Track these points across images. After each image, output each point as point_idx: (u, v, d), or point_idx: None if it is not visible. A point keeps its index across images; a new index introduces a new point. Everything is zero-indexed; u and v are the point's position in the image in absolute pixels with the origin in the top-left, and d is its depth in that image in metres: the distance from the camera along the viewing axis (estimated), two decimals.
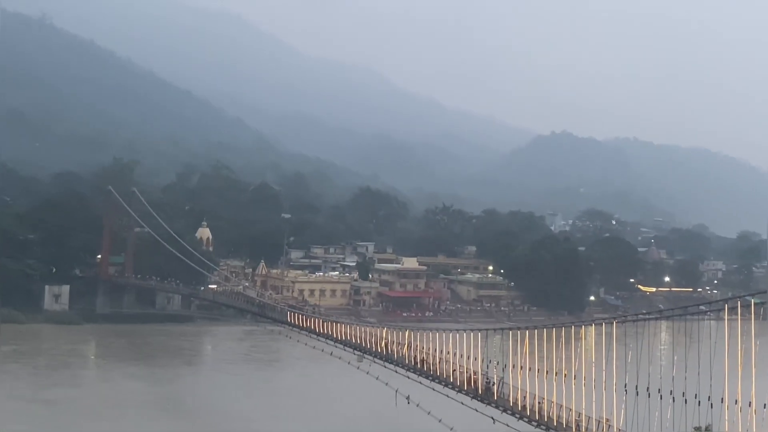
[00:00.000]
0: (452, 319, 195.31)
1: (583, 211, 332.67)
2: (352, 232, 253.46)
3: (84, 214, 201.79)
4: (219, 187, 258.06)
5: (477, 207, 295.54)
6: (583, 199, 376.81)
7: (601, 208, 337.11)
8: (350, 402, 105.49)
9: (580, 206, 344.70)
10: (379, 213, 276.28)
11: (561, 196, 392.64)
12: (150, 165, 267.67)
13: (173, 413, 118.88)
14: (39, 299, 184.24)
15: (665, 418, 58.29)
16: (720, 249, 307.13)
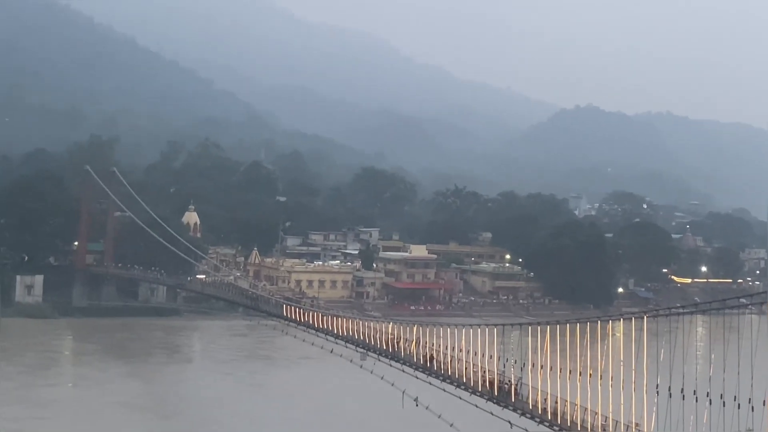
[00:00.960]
0: (465, 313, 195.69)
1: (610, 193, 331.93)
2: (354, 216, 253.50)
3: (59, 196, 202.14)
4: (207, 167, 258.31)
5: (493, 189, 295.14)
6: (611, 180, 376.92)
7: (631, 190, 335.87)
8: (352, 404, 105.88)
9: (607, 188, 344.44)
10: (384, 195, 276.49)
11: (586, 177, 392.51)
12: (131, 143, 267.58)
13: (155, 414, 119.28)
14: (10, 291, 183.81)
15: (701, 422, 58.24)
16: (763, 236, 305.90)
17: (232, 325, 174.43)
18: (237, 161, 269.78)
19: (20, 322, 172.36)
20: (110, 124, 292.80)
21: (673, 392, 63.91)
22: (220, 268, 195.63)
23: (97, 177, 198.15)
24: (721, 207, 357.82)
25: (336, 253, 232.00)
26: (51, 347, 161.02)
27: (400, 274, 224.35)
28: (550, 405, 76.83)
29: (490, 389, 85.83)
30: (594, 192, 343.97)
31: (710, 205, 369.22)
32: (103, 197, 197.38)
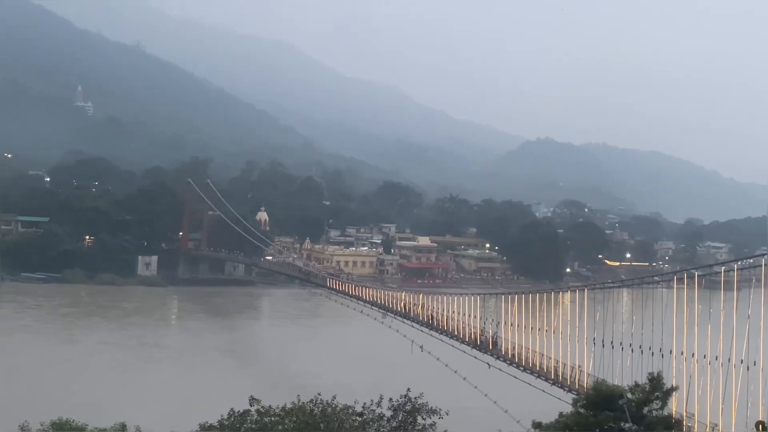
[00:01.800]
0: (457, 285, 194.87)
1: (561, 201, 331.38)
2: (377, 216, 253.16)
3: (169, 200, 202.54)
4: (274, 180, 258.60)
5: (477, 197, 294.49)
6: (562, 192, 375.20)
7: (576, 199, 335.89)
8: (375, 349, 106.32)
9: (559, 197, 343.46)
10: (399, 201, 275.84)
11: (544, 190, 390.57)
12: (220, 162, 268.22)
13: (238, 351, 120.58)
14: (133, 267, 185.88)
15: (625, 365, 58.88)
16: (670, 232, 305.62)
17: (291, 293, 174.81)
18: (295, 176, 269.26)
19: (141, 289, 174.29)
20: (205, 149, 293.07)
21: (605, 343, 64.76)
22: (282, 252, 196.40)
23: (196, 187, 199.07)
24: (640, 211, 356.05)
25: (364, 242, 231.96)
26: (164, 307, 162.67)
27: (410, 257, 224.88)
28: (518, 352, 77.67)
29: (474, 340, 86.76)
30: (550, 200, 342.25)
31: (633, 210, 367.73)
32: (200, 201, 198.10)
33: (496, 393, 65.64)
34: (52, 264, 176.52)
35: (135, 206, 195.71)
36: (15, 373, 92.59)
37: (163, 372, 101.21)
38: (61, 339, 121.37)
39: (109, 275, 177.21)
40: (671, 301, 63.21)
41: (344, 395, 40.86)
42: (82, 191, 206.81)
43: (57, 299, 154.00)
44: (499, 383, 71.21)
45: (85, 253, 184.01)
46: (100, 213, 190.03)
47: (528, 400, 60.91)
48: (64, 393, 75.28)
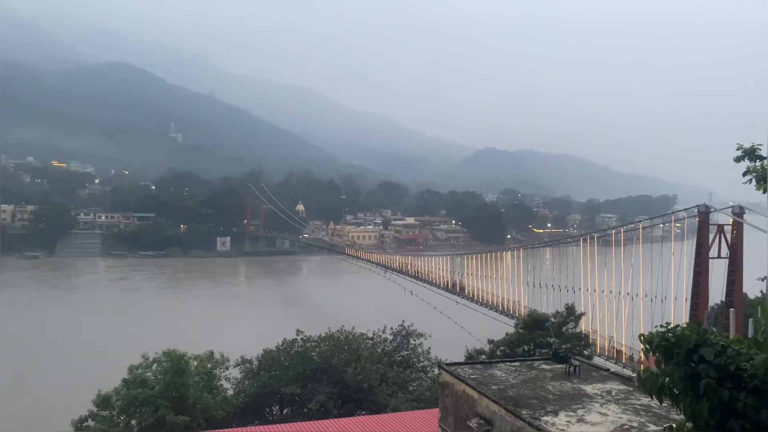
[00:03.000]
0: (433, 250, 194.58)
1: (502, 189, 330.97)
2: (378, 204, 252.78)
3: (236, 199, 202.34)
4: (307, 183, 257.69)
5: (445, 189, 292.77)
6: (502, 183, 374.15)
7: (512, 188, 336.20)
8: (379, 294, 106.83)
9: (500, 188, 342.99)
10: (393, 194, 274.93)
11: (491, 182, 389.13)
12: (270, 172, 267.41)
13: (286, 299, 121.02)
14: (214, 245, 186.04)
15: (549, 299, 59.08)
16: (577, 208, 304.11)
17: (321, 259, 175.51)
18: (321, 180, 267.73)
19: (219, 260, 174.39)
20: (259, 163, 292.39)
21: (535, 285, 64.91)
22: (314, 231, 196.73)
23: (255, 189, 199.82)
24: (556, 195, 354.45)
25: (370, 223, 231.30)
26: (235, 271, 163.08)
27: (401, 231, 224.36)
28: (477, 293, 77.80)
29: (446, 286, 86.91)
30: (494, 189, 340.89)
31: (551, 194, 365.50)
32: (257, 199, 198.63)
33: (462, 321, 65.89)
34: (159, 245, 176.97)
35: (213, 203, 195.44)
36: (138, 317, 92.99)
37: (237, 313, 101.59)
38: (167, 293, 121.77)
39: (198, 251, 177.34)
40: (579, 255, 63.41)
41: (359, 326, 41.03)
42: (177, 194, 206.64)
43: (163, 268, 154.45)
44: (465, 314, 71.43)
45: (181, 236, 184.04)
46: (190, 209, 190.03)
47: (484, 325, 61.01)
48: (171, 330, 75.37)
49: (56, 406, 42.58)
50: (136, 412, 30.72)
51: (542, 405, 16.29)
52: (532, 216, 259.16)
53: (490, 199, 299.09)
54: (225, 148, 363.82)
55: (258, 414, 34.70)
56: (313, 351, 36.17)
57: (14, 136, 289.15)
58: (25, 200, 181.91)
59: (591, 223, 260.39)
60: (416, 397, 33.75)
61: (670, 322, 6.95)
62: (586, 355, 35.11)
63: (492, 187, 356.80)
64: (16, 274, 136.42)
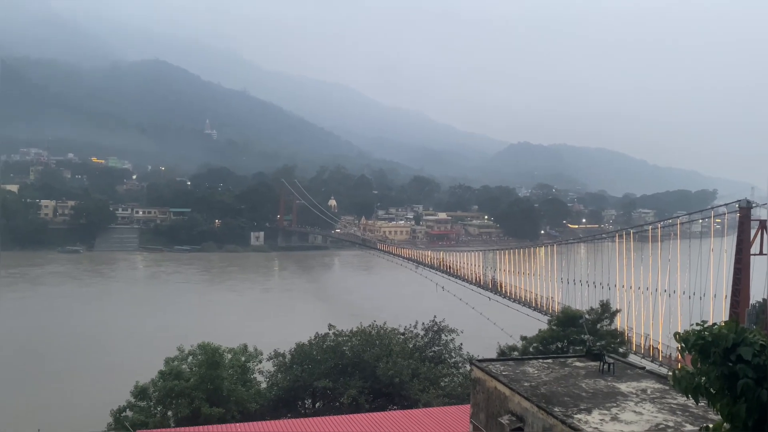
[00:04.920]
0: (465, 245, 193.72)
1: (536, 184, 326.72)
2: (410, 199, 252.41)
3: (269, 194, 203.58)
4: (339, 178, 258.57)
5: (477, 184, 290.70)
6: (536, 178, 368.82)
7: (546, 183, 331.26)
8: (410, 289, 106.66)
9: (534, 182, 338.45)
10: (425, 189, 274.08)
11: (524, 177, 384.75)
12: (303, 168, 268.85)
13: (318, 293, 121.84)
14: (248, 239, 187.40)
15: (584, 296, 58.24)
16: (613, 203, 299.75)
17: (353, 254, 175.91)
18: (353, 175, 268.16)
19: (252, 254, 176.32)
20: (292, 158, 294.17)
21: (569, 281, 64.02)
22: (346, 226, 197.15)
23: (287, 184, 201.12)
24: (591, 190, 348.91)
25: (401, 218, 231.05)
26: (269, 265, 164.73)
27: (433, 227, 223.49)
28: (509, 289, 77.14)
29: (478, 282, 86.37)
30: (528, 184, 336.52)
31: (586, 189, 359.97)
32: (290, 194, 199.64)
33: (495, 317, 65.43)
34: (194, 239, 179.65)
35: (247, 199, 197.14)
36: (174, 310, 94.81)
37: (269, 307, 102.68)
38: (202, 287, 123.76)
39: (232, 245, 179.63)
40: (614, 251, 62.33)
41: (391, 321, 41.07)
42: (212, 190, 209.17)
43: (198, 263, 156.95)
44: (497, 311, 70.93)
45: (216, 231, 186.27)
46: (224, 204, 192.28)
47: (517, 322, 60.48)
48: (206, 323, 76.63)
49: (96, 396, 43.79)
50: (172, 404, 31.40)
51: (575, 403, 16.10)
52: (566, 211, 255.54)
53: (523, 194, 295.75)
54: (259, 144, 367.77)
55: (291, 407, 35.09)
56: (344, 345, 36.38)
57: (56, 133, 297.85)
58: (66, 196, 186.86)
59: (627, 218, 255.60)
60: (448, 392, 33.68)
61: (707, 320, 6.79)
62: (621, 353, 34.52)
63: (525, 182, 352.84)
64: (58, 267, 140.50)
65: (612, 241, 68.72)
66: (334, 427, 24.84)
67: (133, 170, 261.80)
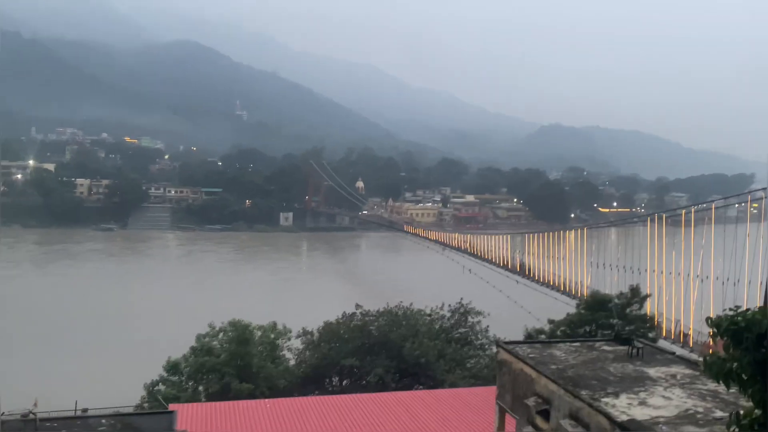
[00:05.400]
0: (493, 228, 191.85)
1: (567, 167, 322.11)
2: (438, 182, 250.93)
3: (298, 175, 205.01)
4: (367, 160, 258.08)
5: (507, 167, 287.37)
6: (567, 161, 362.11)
7: (577, 165, 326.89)
8: (437, 271, 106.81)
9: (565, 165, 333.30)
10: (453, 171, 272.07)
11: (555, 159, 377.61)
12: (331, 149, 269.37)
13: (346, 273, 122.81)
14: (277, 220, 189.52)
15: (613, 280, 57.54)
16: (645, 187, 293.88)
17: (380, 235, 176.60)
18: (381, 156, 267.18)
19: (282, 235, 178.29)
20: (321, 140, 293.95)
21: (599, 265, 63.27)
22: (373, 208, 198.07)
23: (316, 166, 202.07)
24: (623, 173, 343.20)
25: (429, 200, 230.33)
26: (297, 246, 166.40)
27: (460, 209, 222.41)
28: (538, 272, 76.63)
29: (506, 265, 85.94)
30: (559, 167, 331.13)
31: (618, 172, 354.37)
32: (318, 175, 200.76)
33: (522, 300, 65.19)
34: (225, 219, 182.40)
35: (277, 180, 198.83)
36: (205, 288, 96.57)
37: (298, 286, 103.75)
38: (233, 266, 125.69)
39: (262, 225, 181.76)
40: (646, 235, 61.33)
41: (417, 302, 41.23)
42: (242, 171, 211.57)
43: (229, 242, 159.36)
44: (524, 294, 70.59)
45: (246, 211, 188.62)
46: (254, 185, 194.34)
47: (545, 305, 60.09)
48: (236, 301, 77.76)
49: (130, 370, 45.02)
50: (203, 379, 32.15)
51: (602, 386, 16.02)
52: (597, 195, 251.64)
53: (554, 176, 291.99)
54: (288, 125, 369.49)
55: (318, 384, 35.63)
56: (371, 325, 36.69)
57: (90, 113, 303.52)
58: (100, 175, 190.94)
59: (660, 202, 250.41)
60: (474, 374, 33.79)
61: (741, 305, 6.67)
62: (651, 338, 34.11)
63: (556, 164, 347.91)
64: (96, 244, 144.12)
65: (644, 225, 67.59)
66: (361, 405, 25.18)
67: (165, 150, 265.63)
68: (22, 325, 69.51)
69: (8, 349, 59.87)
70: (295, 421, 23.12)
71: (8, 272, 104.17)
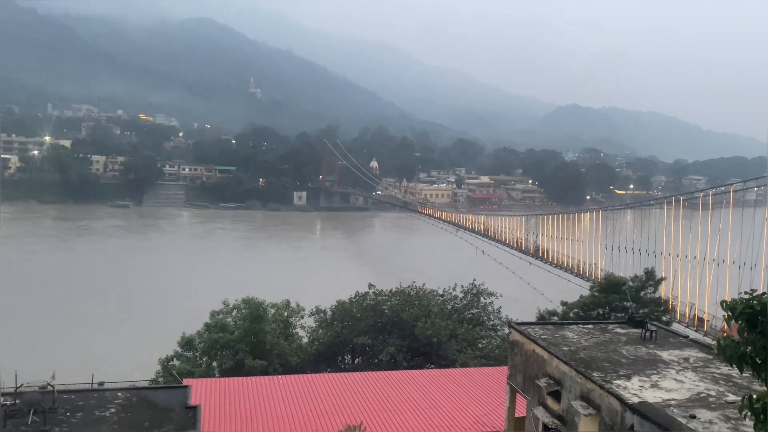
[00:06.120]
0: (508, 209, 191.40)
1: (583, 149, 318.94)
2: (452, 162, 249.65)
3: (312, 154, 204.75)
4: (381, 140, 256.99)
5: (522, 147, 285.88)
6: (584, 142, 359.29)
7: (594, 147, 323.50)
8: (450, 252, 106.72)
9: (582, 146, 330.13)
10: (467, 152, 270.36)
11: (571, 141, 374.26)
12: (345, 128, 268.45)
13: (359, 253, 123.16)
14: (291, 198, 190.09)
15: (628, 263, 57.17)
16: (663, 169, 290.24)
17: (394, 216, 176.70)
18: (395, 136, 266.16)
19: (296, 214, 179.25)
20: (335, 119, 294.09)
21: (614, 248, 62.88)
22: (387, 188, 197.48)
23: (330, 145, 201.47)
24: (641, 155, 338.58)
25: (443, 181, 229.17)
26: (311, 225, 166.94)
27: (475, 190, 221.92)
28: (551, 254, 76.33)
29: (519, 246, 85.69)
30: (575, 148, 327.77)
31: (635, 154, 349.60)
32: (332, 155, 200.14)
33: (535, 282, 65.08)
34: (239, 197, 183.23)
35: (290, 159, 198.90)
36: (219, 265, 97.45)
37: (311, 265, 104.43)
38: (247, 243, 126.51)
39: (275, 204, 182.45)
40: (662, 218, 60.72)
41: (430, 282, 41.32)
42: (256, 149, 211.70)
43: (243, 220, 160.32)
44: (538, 276, 70.46)
45: (260, 190, 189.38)
46: (268, 163, 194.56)
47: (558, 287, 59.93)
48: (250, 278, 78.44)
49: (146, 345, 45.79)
50: (217, 355, 32.61)
51: (614, 368, 16.04)
52: (614, 176, 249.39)
53: (570, 158, 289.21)
54: (302, 104, 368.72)
55: (330, 362, 36.01)
56: (384, 305, 36.87)
57: (106, 89, 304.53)
58: (115, 152, 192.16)
59: (677, 185, 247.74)
60: (485, 354, 33.95)
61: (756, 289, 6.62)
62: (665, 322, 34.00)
63: (573, 145, 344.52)
64: (108, 221, 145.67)
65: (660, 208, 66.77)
66: (373, 382, 25.45)
67: (180, 128, 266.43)
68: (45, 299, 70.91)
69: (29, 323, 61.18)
70: (308, 398, 23.45)
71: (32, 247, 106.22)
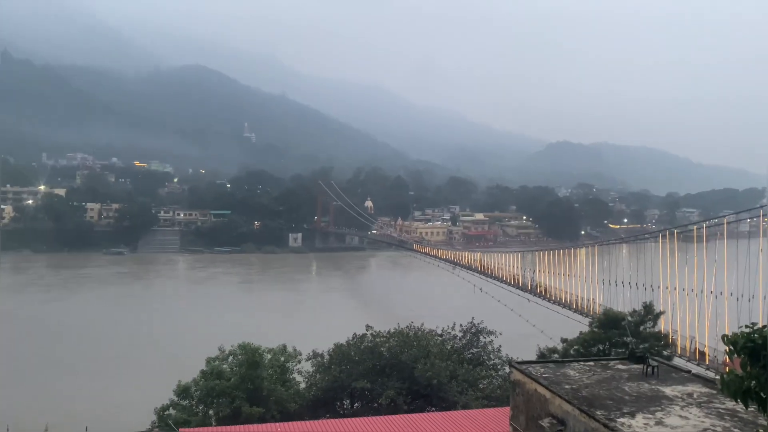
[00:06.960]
0: (503, 246, 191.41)
1: (576, 184, 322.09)
2: (446, 200, 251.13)
3: (307, 196, 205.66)
4: (375, 179, 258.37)
5: (515, 184, 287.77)
6: (576, 177, 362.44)
7: (586, 182, 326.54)
8: (447, 290, 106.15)
9: (574, 182, 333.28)
10: (461, 189, 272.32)
11: (563, 176, 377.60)
12: (339, 169, 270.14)
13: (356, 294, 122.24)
14: (285, 240, 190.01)
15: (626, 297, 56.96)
16: (655, 202, 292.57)
17: (390, 255, 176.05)
18: (389, 176, 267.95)
19: (290, 256, 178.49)
20: (329, 160, 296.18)
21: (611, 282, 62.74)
22: (383, 227, 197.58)
23: (324, 186, 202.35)
24: (633, 189, 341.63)
25: (438, 219, 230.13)
26: (306, 266, 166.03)
27: (470, 227, 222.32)
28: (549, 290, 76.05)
29: (517, 283, 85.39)
30: (568, 184, 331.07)
31: (628, 188, 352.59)
32: (327, 195, 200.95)
33: (534, 319, 64.59)
34: (234, 241, 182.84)
35: (285, 200, 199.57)
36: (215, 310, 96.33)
37: (308, 307, 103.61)
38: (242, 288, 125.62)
39: (271, 246, 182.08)
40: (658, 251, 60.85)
41: (428, 322, 40.91)
42: (251, 192, 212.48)
43: (238, 264, 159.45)
44: (537, 312, 69.97)
45: (255, 232, 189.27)
46: (263, 206, 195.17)
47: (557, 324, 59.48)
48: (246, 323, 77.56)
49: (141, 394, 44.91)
50: (214, 403, 31.96)
51: (618, 406, 15.80)
52: (607, 211, 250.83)
53: (563, 193, 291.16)
54: (297, 147, 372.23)
55: (329, 407, 35.30)
56: (382, 346, 36.38)
57: (101, 138, 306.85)
58: (110, 199, 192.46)
59: (671, 218, 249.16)
60: (487, 395, 33.41)
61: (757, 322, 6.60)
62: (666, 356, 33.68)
63: (565, 181, 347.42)
64: (103, 269, 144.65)
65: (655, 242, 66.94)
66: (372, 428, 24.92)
67: (175, 173, 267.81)
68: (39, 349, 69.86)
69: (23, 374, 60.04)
70: None
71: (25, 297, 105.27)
